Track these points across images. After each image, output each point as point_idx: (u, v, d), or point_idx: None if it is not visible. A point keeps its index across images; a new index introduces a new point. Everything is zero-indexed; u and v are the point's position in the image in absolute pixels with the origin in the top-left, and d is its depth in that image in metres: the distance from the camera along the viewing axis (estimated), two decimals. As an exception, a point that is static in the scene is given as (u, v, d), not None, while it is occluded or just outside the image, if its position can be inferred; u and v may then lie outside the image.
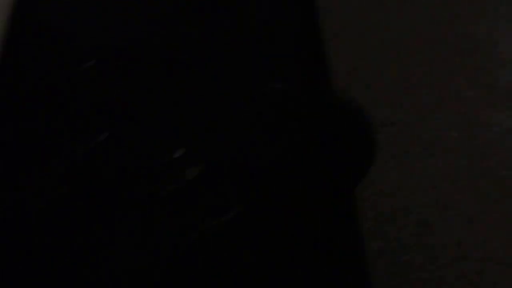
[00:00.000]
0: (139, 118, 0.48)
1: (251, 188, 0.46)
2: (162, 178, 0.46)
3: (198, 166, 0.47)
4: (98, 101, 0.49)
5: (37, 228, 0.43)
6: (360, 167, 0.39)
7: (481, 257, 0.36)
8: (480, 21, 0.50)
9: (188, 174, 0.47)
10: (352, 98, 0.43)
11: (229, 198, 0.46)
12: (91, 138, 0.46)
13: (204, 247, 0.43)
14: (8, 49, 0.54)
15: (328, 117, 0.44)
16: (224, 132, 0.48)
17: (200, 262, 0.42)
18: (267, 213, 0.44)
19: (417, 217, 0.37)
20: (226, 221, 0.44)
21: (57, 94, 0.50)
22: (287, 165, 0.45)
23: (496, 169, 0.41)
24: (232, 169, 0.46)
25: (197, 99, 0.49)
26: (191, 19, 0.54)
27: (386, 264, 0.35)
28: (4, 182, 0.45)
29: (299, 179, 0.43)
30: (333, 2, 0.49)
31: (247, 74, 0.50)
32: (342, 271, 0.38)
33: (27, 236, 0.43)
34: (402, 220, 0.37)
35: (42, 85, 0.50)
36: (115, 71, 0.51)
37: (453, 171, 0.40)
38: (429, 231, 0.37)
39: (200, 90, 0.49)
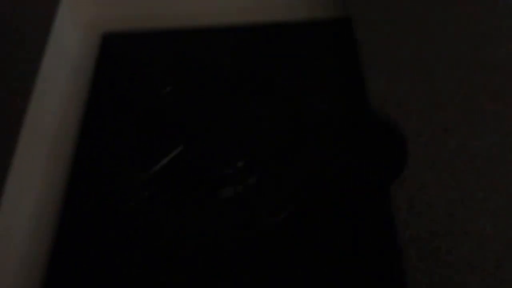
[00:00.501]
0: (208, 135, 0.58)
1: (301, 193, 0.54)
2: (227, 183, 0.55)
3: (257, 174, 0.55)
4: (176, 117, 0.59)
5: (128, 222, 0.53)
6: (395, 170, 0.46)
7: (503, 244, 0.42)
8: (501, 43, 0.56)
9: (248, 180, 0.55)
10: (387, 114, 0.50)
11: (281, 202, 0.53)
12: (169, 151, 0.56)
13: (261, 241, 0.51)
14: (98, 81, 0.65)
15: (368, 130, 0.52)
16: (278, 145, 0.56)
17: (256, 254, 0.50)
18: (314, 213, 0.52)
19: (444, 211, 0.44)
20: (279, 220, 0.52)
21: (142, 115, 0.60)
22: (333, 171, 0.53)
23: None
24: (285, 176, 0.54)
25: (257, 120, 0.58)
26: (250, 52, 0.63)
27: (418, 249, 0.42)
28: (102, 187, 0.55)
29: (344, 181, 0.51)
30: (369, 33, 0.57)
31: (298, 97, 0.58)
32: (378, 255, 0.45)
33: (123, 230, 0.53)
34: (432, 213, 0.44)
35: (131, 108, 0.61)
36: (188, 95, 0.60)
37: (477, 173, 0.46)
38: (455, 223, 0.43)
39: (257, 111, 0.58)
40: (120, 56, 0.69)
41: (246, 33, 0.65)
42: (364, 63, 0.55)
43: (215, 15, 0.67)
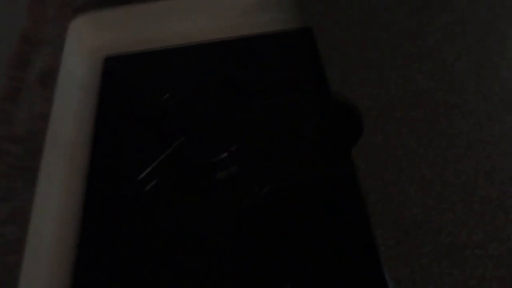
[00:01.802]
0: (205, 127, 0.70)
1: (279, 172, 0.65)
2: (221, 166, 0.66)
3: (246, 158, 0.67)
4: (175, 117, 0.70)
5: (142, 204, 0.64)
6: (354, 136, 0.59)
7: (438, 183, 0.55)
8: (441, 38, 0.70)
9: (238, 163, 0.67)
10: (346, 97, 0.63)
11: (262, 181, 0.65)
12: (173, 142, 0.68)
13: (247, 215, 0.62)
14: (104, 97, 0.77)
15: (332, 109, 0.65)
16: (263, 132, 0.68)
17: (243, 226, 0.61)
18: (291, 191, 0.63)
19: (392, 164, 0.57)
20: (265, 193, 0.64)
21: (147, 115, 0.72)
22: (304, 149, 0.65)
23: (456, 165, 0.58)
24: (270, 154, 0.66)
25: (243, 113, 0.70)
26: (233, 61, 0.76)
27: (375, 192, 0.55)
28: (119, 175, 0.66)
29: (317, 145, 0.64)
30: (326, 38, 0.71)
31: (275, 92, 0.71)
32: (345, 200, 0.58)
33: (139, 211, 0.63)
34: (384, 166, 0.57)
35: (135, 113, 0.72)
36: (184, 98, 0.72)
37: (416, 134, 0.59)
38: (401, 170, 0.56)
39: (245, 106, 0.70)
40: (121, 75, 0.80)
41: (227, 46, 0.78)
42: (325, 64, 0.69)
43: (199, 34, 0.80)
